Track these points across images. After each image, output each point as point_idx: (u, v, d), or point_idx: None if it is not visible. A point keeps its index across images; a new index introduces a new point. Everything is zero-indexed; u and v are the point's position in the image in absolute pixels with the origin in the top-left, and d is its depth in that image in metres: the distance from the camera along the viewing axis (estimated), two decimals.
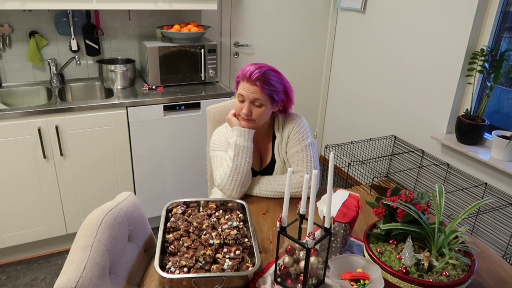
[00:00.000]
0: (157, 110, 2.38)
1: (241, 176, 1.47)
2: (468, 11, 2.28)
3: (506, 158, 2.18)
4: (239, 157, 1.46)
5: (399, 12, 2.75)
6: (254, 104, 1.46)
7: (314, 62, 3.47)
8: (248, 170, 1.49)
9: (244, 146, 1.46)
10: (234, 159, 1.46)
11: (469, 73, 2.33)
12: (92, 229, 1.09)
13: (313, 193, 1.00)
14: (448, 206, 2.41)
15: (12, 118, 2.06)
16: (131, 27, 2.70)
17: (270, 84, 1.44)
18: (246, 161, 1.47)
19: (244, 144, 1.46)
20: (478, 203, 1.11)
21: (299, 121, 1.58)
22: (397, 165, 2.85)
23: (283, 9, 3.17)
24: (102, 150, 2.33)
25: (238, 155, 1.46)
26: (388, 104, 2.95)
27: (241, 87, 1.48)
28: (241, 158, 1.46)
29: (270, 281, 1.12)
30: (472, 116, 2.35)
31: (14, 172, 2.16)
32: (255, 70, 1.43)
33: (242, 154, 1.46)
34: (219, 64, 3.10)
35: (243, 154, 1.46)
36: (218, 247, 1.17)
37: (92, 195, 2.40)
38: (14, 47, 2.45)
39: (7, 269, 2.34)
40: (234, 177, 1.46)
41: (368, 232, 1.15)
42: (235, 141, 1.47)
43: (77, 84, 2.62)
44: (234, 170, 1.46)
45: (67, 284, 0.93)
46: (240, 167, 1.46)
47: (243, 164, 1.47)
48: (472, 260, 1.06)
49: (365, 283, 0.98)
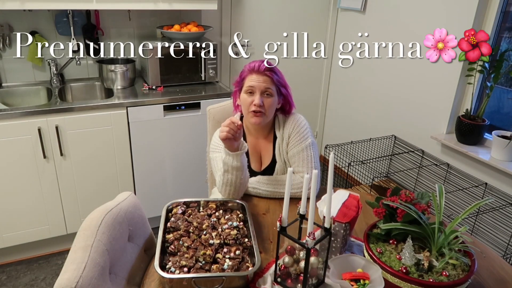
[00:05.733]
0: (157, 110, 2.38)
1: (234, 188, 1.42)
2: (468, 11, 2.28)
3: (506, 158, 2.18)
4: (229, 173, 1.40)
5: (399, 12, 2.75)
6: (264, 94, 1.50)
7: (314, 62, 3.47)
8: (242, 181, 1.43)
9: (232, 166, 1.38)
10: (224, 174, 1.41)
11: (469, 73, 2.33)
12: (92, 229, 1.09)
13: (313, 193, 1.00)
14: (448, 206, 2.41)
15: (12, 118, 2.06)
16: (131, 27, 2.70)
17: (277, 74, 1.53)
18: (237, 177, 1.40)
19: (233, 164, 1.38)
20: (478, 203, 1.11)
21: (300, 121, 1.58)
22: (397, 165, 2.85)
23: (283, 9, 3.17)
24: (102, 150, 2.33)
25: (228, 171, 1.40)
26: (388, 104, 2.95)
27: (249, 80, 1.50)
28: (231, 175, 1.40)
29: (270, 281, 1.12)
30: (472, 116, 2.35)
31: (14, 172, 2.16)
32: (262, 63, 1.50)
33: (231, 172, 1.39)
34: (219, 64, 3.10)
35: (232, 172, 1.39)
36: (218, 247, 1.17)
37: (92, 195, 2.40)
38: (14, 47, 2.45)
39: (7, 269, 2.34)
40: (227, 188, 1.43)
41: (368, 232, 1.15)
42: (224, 158, 1.39)
43: (77, 84, 2.62)
44: (226, 183, 1.42)
45: (67, 284, 0.93)
46: (231, 181, 1.41)
47: (234, 180, 1.41)
48: (472, 260, 1.06)
49: (365, 283, 0.98)
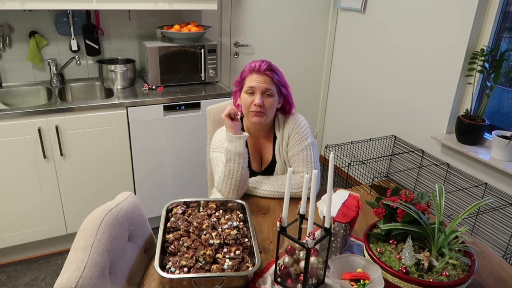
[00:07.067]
0: (157, 110, 2.38)
1: (235, 180, 1.44)
2: (468, 11, 2.28)
3: (506, 158, 2.18)
4: (231, 162, 1.43)
5: (399, 12, 2.75)
6: (264, 94, 1.50)
7: (314, 62, 3.47)
8: (243, 174, 1.46)
9: (235, 152, 1.43)
10: (226, 164, 1.44)
11: (469, 73, 2.33)
12: (92, 229, 1.09)
13: (313, 193, 1.00)
14: (448, 206, 2.41)
15: (12, 118, 2.06)
16: (131, 27, 2.70)
17: (277, 74, 1.53)
18: (239, 166, 1.44)
19: (235, 150, 1.43)
20: (478, 203, 1.11)
21: (300, 121, 1.58)
22: (397, 165, 2.85)
23: (283, 9, 3.17)
24: (102, 150, 2.33)
25: (230, 160, 1.43)
26: (388, 104, 2.95)
27: (250, 80, 1.51)
28: (233, 163, 1.43)
29: (270, 281, 1.12)
30: (472, 116, 2.35)
31: (14, 172, 2.16)
32: (262, 63, 1.50)
33: (234, 159, 1.43)
34: (219, 64, 3.10)
35: (235, 159, 1.43)
36: (218, 247, 1.17)
37: (92, 195, 2.40)
38: (14, 47, 2.46)
39: (7, 269, 2.34)
40: (228, 181, 1.45)
41: (368, 232, 1.15)
42: (226, 146, 1.44)
43: (77, 84, 2.62)
44: (227, 175, 1.44)
45: (67, 284, 0.93)
46: (233, 172, 1.44)
47: (236, 169, 1.44)
48: (472, 260, 1.06)
49: (365, 283, 0.98)
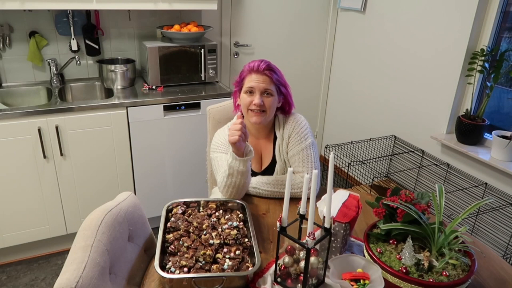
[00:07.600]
0: (157, 110, 2.38)
1: (236, 190, 1.42)
2: (468, 11, 2.28)
3: (506, 158, 2.18)
4: (233, 177, 1.39)
5: (399, 12, 2.75)
6: (264, 94, 1.50)
7: (314, 62, 3.47)
8: (246, 183, 1.43)
9: (238, 170, 1.38)
10: (228, 176, 1.40)
11: (469, 73, 2.33)
12: (92, 229, 1.09)
13: (313, 193, 1.00)
14: (448, 206, 2.41)
15: (12, 118, 2.06)
16: (131, 27, 2.70)
17: (276, 74, 1.53)
18: (241, 180, 1.40)
19: (238, 168, 1.37)
20: (478, 203, 1.11)
21: (300, 121, 1.58)
22: (397, 165, 2.85)
23: (283, 9, 3.17)
24: (102, 150, 2.33)
25: (232, 175, 1.39)
26: (388, 104, 2.95)
27: (249, 80, 1.51)
28: (235, 178, 1.39)
29: (270, 281, 1.12)
30: (472, 116, 2.35)
31: (14, 172, 2.16)
32: (261, 63, 1.50)
33: (236, 176, 1.39)
34: (219, 64, 3.10)
35: (238, 175, 1.39)
36: (218, 247, 1.17)
37: (92, 195, 2.40)
38: (14, 47, 2.45)
39: (7, 269, 2.34)
40: (229, 189, 1.43)
41: (368, 232, 1.15)
42: (230, 162, 1.38)
43: (77, 84, 2.62)
44: (229, 184, 1.41)
45: (67, 284, 0.93)
46: (235, 183, 1.41)
47: (238, 182, 1.40)
48: (472, 260, 1.06)
49: (365, 283, 0.98)
